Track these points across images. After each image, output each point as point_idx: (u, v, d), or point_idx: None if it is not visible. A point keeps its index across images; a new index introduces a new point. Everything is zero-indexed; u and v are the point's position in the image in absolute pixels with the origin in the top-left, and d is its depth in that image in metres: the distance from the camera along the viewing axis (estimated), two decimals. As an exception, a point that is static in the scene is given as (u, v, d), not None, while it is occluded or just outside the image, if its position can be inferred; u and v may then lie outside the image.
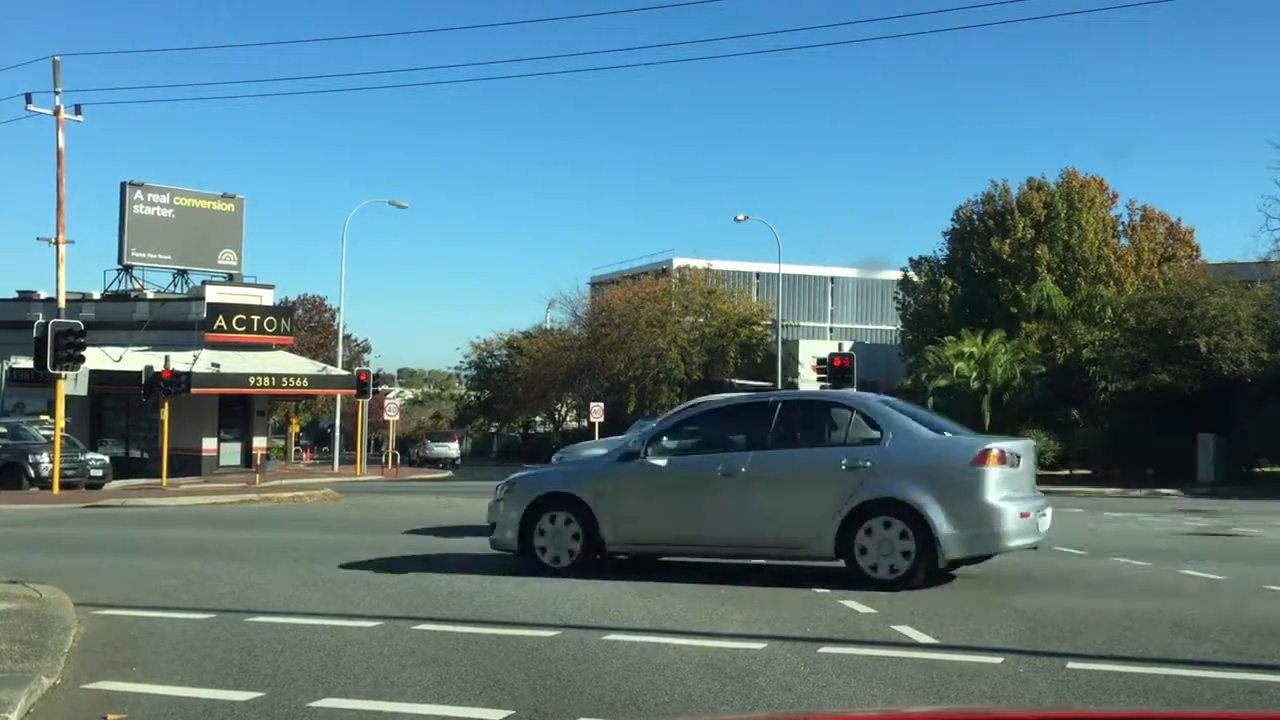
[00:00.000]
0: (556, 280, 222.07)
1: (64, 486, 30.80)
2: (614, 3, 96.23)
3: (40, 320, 31.44)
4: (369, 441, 53.30)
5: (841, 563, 11.72)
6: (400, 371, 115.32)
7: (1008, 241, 48.01)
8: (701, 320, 60.38)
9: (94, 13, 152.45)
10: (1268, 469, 40.43)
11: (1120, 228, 50.55)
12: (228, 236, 49.43)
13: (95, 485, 33.89)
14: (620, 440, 15.21)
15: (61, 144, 32.50)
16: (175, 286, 48.92)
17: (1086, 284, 46.42)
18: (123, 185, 47.32)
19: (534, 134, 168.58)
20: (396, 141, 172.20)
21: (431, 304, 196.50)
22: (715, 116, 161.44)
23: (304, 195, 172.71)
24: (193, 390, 38.97)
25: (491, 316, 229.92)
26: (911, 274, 53.57)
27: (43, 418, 36.57)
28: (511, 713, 6.66)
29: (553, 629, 9.19)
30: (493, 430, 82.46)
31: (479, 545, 14.64)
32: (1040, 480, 13.59)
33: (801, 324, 69.07)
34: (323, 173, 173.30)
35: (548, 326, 71.61)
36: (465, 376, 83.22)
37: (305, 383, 46.27)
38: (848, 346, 45.14)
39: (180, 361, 39.23)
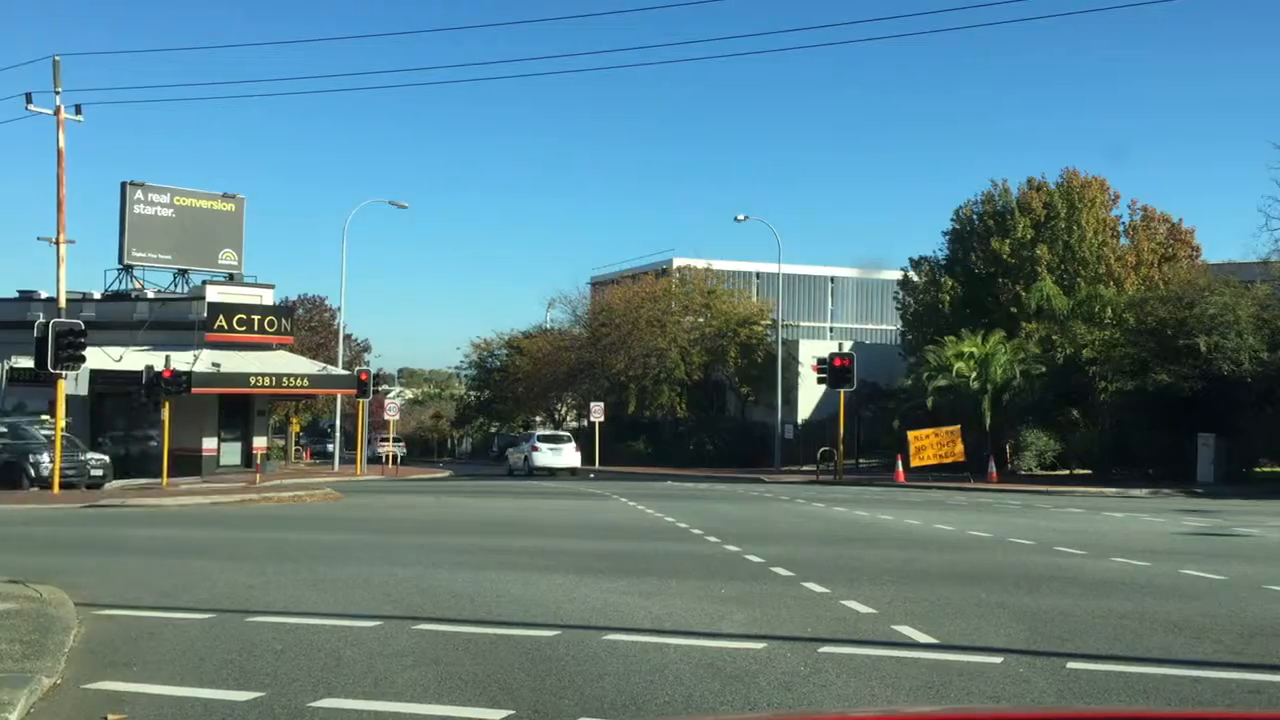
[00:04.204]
0: (556, 280, 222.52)
1: (64, 486, 30.78)
2: (613, 3, 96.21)
3: (41, 320, 31.42)
4: (368, 440, 53.30)
5: None
6: (400, 371, 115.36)
7: (1008, 241, 47.97)
8: (701, 320, 60.34)
9: (94, 13, 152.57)
10: (1267, 469, 40.40)
11: (1121, 228, 50.49)
12: (228, 236, 49.41)
13: (95, 485, 33.86)
14: None
15: (61, 144, 32.50)
16: (175, 286, 48.90)
17: (1086, 284, 46.36)
18: (123, 185, 47.30)
19: (534, 134, 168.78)
20: (396, 141, 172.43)
21: (431, 304, 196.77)
22: (715, 116, 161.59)
23: (304, 195, 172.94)
24: (193, 390, 38.94)
25: (491, 316, 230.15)
26: (911, 274, 53.54)
27: (43, 418, 36.55)
28: (511, 713, 6.66)
29: (553, 629, 9.19)
30: (493, 430, 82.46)
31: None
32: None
33: (801, 324, 68.98)
34: (323, 173, 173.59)
35: (548, 326, 71.61)
36: (465, 376, 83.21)
37: (305, 382, 46.25)
38: (848, 346, 45.16)
39: (181, 361, 39.20)
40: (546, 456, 47.53)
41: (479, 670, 7.76)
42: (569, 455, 47.84)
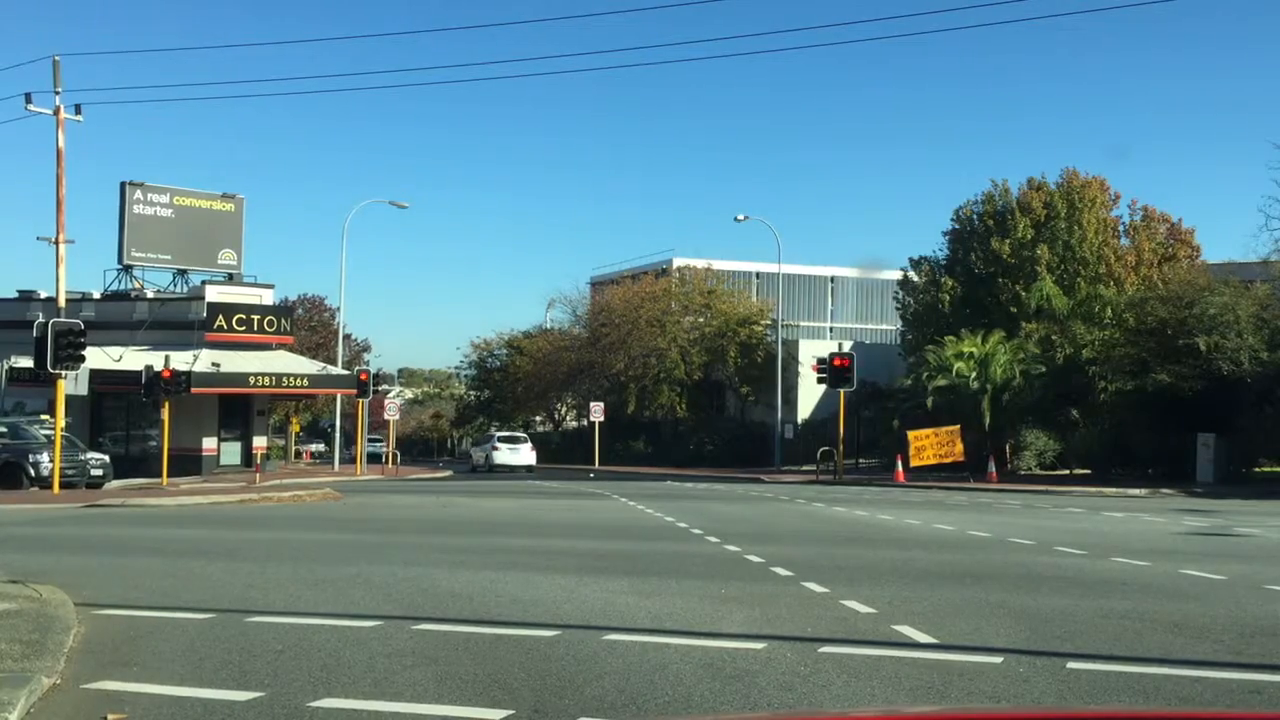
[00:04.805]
0: (556, 280, 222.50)
1: (64, 486, 30.77)
2: (613, 3, 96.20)
3: (40, 320, 31.39)
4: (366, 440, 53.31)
5: None
6: (400, 371, 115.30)
7: (1008, 241, 47.96)
8: (701, 320, 60.33)
9: (94, 13, 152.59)
10: (1267, 469, 40.38)
11: (1121, 228, 50.47)
12: (227, 236, 49.41)
13: (95, 485, 33.86)
14: None
15: (61, 144, 32.49)
16: (175, 286, 48.90)
17: (1086, 284, 46.33)
18: (123, 185, 47.30)
19: (534, 134, 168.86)
20: (396, 141, 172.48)
21: (431, 304, 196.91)
22: (716, 116, 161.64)
23: (304, 195, 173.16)
24: (193, 390, 38.93)
25: (491, 316, 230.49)
26: (911, 274, 53.51)
27: (43, 417, 36.54)
28: (511, 713, 6.65)
29: (553, 629, 9.19)
30: (493, 430, 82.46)
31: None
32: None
33: (801, 324, 68.99)
34: (323, 173, 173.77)
35: (548, 326, 71.59)
36: (465, 376, 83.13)
37: (305, 382, 46.23)
38: (848, 346, 45.14)
39: (180, 361, 39.18)
40: (505, 455, 53.07)
41: (479, 670, 7.75)
42: (525, 454, 53.46)
